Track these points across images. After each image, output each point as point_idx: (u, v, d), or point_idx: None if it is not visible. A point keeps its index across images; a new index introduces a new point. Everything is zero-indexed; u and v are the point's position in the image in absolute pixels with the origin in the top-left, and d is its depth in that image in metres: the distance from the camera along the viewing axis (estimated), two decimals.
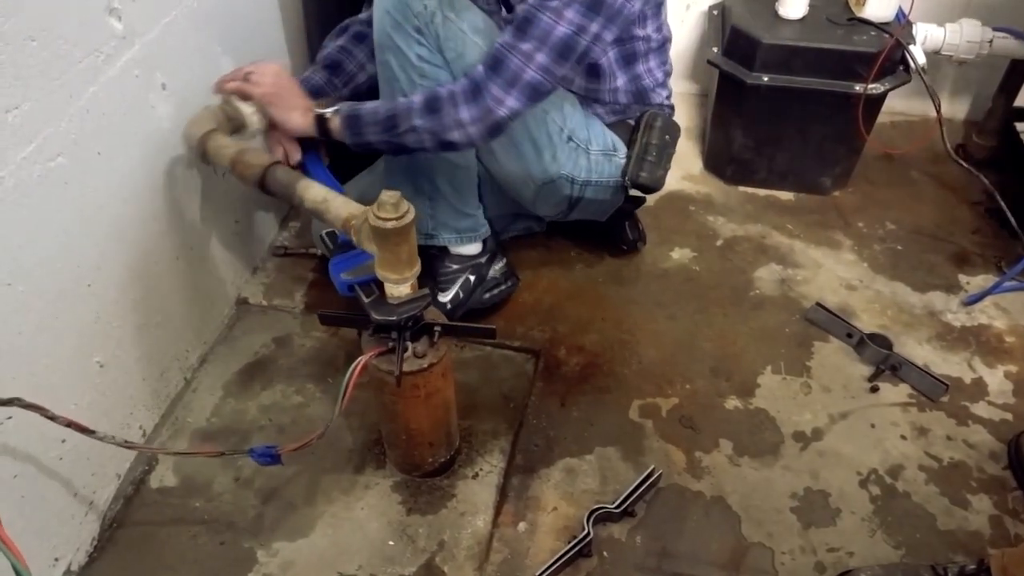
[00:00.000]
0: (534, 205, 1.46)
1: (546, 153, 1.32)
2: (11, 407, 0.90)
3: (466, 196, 1.37)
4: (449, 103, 1.12)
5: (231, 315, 1.49)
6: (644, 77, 1.37)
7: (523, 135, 1.29)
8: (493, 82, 1.11)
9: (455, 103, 1.12)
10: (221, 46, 1.33)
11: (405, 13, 1.16)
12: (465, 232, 1.40)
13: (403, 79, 1.20)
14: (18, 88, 0.89)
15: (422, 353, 1.05)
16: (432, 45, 1.18)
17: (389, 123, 1.14)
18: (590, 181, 1.39)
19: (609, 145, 1.39)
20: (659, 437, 1.30)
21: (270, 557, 1.13)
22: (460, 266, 1.43)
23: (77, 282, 1.05)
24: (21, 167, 0.92)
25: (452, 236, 1.40)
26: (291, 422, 1.31)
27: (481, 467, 1.25)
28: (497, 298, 1.48)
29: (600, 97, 1.37)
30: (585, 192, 1.41)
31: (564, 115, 1.32)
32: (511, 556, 1.13)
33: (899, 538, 1.16)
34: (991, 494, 1.22)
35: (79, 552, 1.11)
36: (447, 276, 1.43)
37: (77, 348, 1.06)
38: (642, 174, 1.38)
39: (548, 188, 1.38)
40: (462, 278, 1.43)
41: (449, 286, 1.42)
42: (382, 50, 1.20)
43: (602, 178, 1.40)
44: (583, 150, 1.36)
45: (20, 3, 0.88)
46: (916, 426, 1.32)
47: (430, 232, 1.38)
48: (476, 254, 1.45)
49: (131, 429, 1.22)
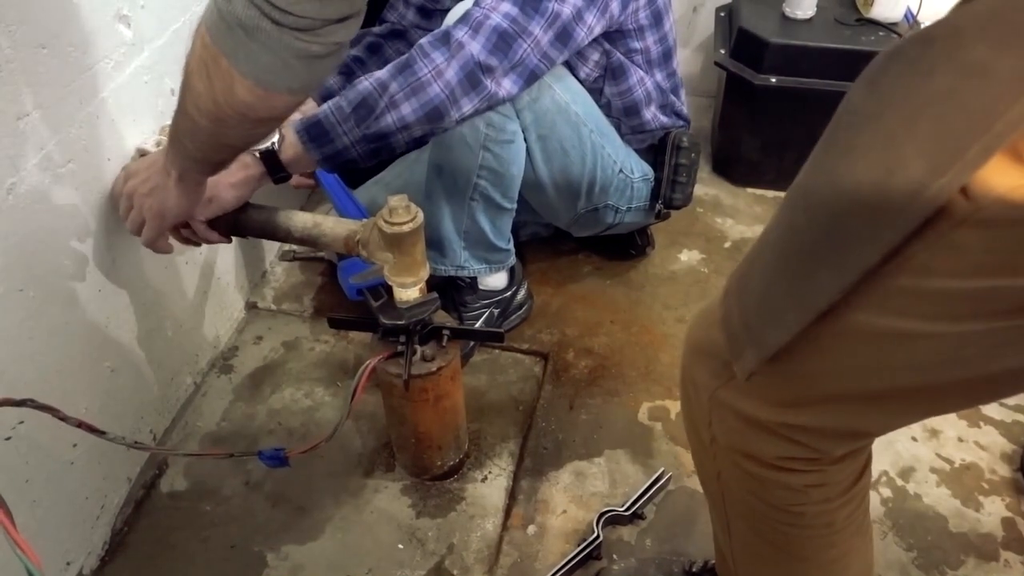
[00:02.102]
0: (568, 227, 1.47)
1: (597, 187, 1.33)
2: (23, 408, 0.90)
3: (504, 233, 1.35)
4: (418, 54, 1.04)
5: (241, 319, 1.50)
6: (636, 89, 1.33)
7: (581, 172, 1.29)
8: (460, 33, 1.04)
9: (424, 53, 1.04)
10: None
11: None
12: (495, 263, 1.38)
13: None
14: (29, 95, 0.90)
15: (431, 357, 1.05)
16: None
17: (362, 110, 1.01)
18: (631, 208, 1.42)
19: (646, 171, 1.41)
20: (668, 439, 1.29)
21: (280, 560, 1.13)
22: (487, 301, 1.43)
23: (88, 288, 1.05)
24: (32, 173, 0.92)
25: (482, 267, 1.38)
26: (300, 426, 1.32)
27: (490, 470, 1.25)
28: (514, 323, 1.48)
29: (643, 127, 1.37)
30: (624, 218, 1.43)
31: (616, 148, 1.33)
32: (521, 559, 1.13)
33: (910, 540, 1.16)
34: (1003, 496, 1.22)
35: (90, 556, 1.12)
36: (473, 311, 1.42)
37: (88, 353, 1.07)
38: (675, 196, 1.42)
39: (590, 216, 1.40)
40: (487, 312, 1.43)
41: (473, 321, 1.42)
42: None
43: (641, 203, 1.42)
44: (629, 180, 1.37)
45: (31, 11, 0.89)
46: (927, 428, 1.32)
47: (461, 264, 1.35)
48: (503, 288, 1.44)
49: (142, 433, 1.22)
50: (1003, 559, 1.14)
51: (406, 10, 1.36)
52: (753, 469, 0.67)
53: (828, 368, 0.58)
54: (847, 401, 0.60)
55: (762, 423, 0.64)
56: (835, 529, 0.71)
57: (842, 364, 0.57)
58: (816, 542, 0.72)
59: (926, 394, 0.57)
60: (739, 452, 0.68)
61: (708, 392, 0.68)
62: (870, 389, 0.58)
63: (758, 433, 0.65)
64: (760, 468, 0.67)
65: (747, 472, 0.68)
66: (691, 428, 0.75)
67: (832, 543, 0.72)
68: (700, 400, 0.69)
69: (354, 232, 1.02)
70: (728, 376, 0.65)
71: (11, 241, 0.90)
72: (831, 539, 0.72)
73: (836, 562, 0.74)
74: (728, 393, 0.66)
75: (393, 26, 1.37)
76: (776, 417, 0.63)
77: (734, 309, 0.63)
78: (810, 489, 0.67)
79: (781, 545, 0.73)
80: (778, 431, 0.64)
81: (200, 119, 0.77)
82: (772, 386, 0.62)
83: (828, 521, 0.70)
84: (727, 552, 0.83)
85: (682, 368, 0.74)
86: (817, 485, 0.67)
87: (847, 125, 0.53)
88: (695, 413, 0.72)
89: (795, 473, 0.66)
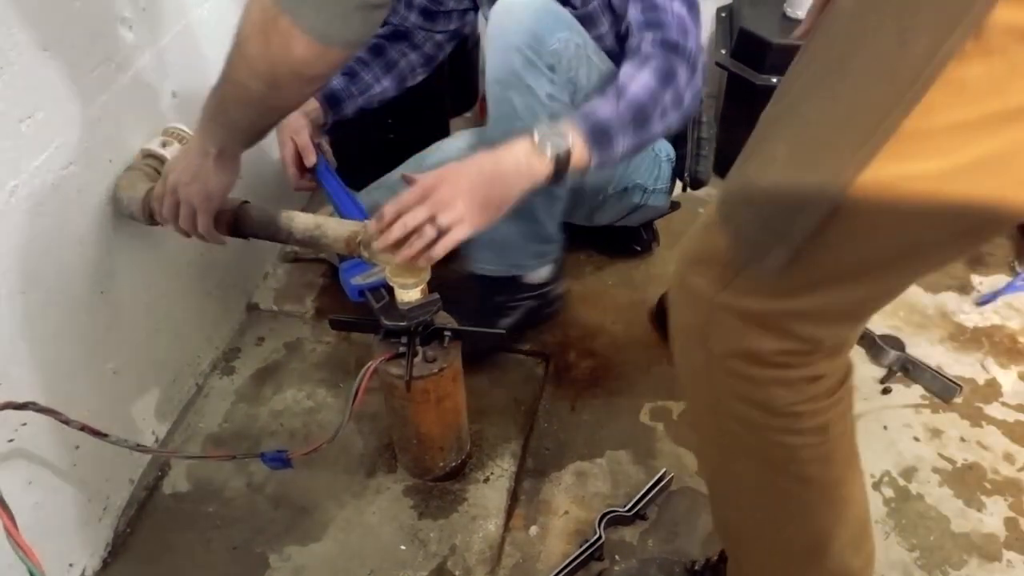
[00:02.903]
0: (592, 213, 1.45)
1: (630, 164, 1.32)
2: (26, 411, 0.91)
3: (557, 220, 1.33)
4: (672, 70, 1.05)
5: (242, 321, 1.50)
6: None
7: None
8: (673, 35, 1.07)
9: (674, 67, 1.05)
10: None
11: (539, 51, 1.10)
12: (547, 256, 1.37)
13: (527, 117, 1.13)
14: (31, 97, 0.90)
15: (432, 358, 1.05)
16: (562, 80, 1.14)
17: (640, 117, 1.02)
18: (657, 188, 1.41)
19: (669, 150, 1.41)
20: (670, 440, 1.29)
21: (283, 562, 1.13)
22: (528, 295, 1.41)
23: (91, 290, 1.06)
24: (35, 175, 0.92)
25: (534, 262, 1.36)
26: (302, 427, 1.32)
27: (492, 471, 1.25)
28: (548, 316, 1.48)
29: None
30: (649, 199, 1.43)
31: None
32: (523, 560, 1.13)
33: (913, 541, 1.16)
34: (1006, 496, 1.21)
35: (93, 557, 1.12)
36: (514, 303, 1.41)
37: (90, 355, 1.07)
38: (699, 170, 1.41)
39: (617, 197, 1.39)
40: (526, 305, 1.42)
41: (512, 312, 1.41)
42: (504, 87, 1.13)
43: (664, 184, 1.42)
44: (658, 159, 1.38)
45: (34, 13, 0.89)
46: (929, 428, 1.32)
47: (518, 263, 1.34)
48: (545, 281, 1.42)
49: (144, 435, 1.23)
50: (1006, 559, 1.14)
51: (408, 12, 1.36)
52: (751, 371, 0.70)
53: (848, 241, 0.61)
54: (856, 273, 0.64)
55: (764, 317, 0.67)
56: (829, 437, 0.74)
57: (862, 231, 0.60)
58: (814, 452, 0.74)
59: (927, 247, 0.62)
60: (738, 356, 0.70)
61: (707, 299, 0.70)
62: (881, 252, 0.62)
63: (758, 330, 0.68)
64: (758, 367, 0.70)
65: (744, 376, 0.71)
66: (686, 354, 0.77)
67: (829, 458, 0.75)
68: (699, 311, 0.72)
69: (356, 233, 1.02)
70: (729, 278, 0.68)
71: (13, 243, 0.91)
72: (827, 450, 0.75)
73: (837, 487, 0.77)
74: (729, 295, 0.68)
75: (396, 28, 1.37)
76: (779, 306, 0.66)
77: (745, 215, 0.66)
78: (805, 385, 0.71)
79: (781, 466, 0.75)
80: (779, 323, 0.67)
81: (252, 83, 0.81)
82: (783, 276, 0.65)
83: (823, 424, 0.73)
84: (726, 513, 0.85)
85: (678, 286, 0.76)
86: (812, 378, 0.71)
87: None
88: (692, 330, 0.74)
89: (790, 368, 0.70)
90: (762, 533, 0.84)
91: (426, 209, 0.90)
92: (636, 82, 1.03)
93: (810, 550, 0.81)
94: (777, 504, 0.79)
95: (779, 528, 0.82)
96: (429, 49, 1.40)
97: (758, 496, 0.80)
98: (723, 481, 0.85)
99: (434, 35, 1.39)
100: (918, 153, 0.55)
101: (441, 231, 0.90)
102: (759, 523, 0.83)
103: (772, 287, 0.66)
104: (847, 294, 0.66)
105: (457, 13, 1.38)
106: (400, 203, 0.91)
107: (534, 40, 1.10)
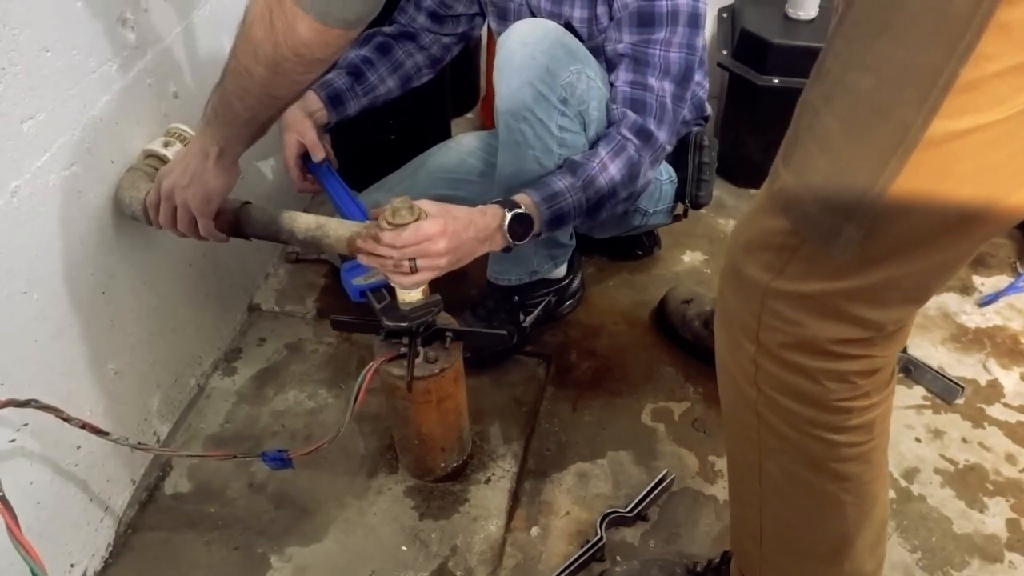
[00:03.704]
0: (589, 230, 1.47)
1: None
2: (28, 409, 0.91)
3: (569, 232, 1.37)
4: (639, 164, 1.15)
5: (243, 321, 1.50)
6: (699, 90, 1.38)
7: None
8: (651, 125, 1.14)
9: (641, 161, 1.15)
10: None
11: (552, 84, 1.12)
12: (561, 256, 1.39)
13: (539, 147, 1.17)
14: (33, 98, 0.91)
15: (433, 358, 1.06)
16: (573, 113, 1.16)
17: (596, 206, 1.13)
18: (658, 210, 1.42)
19: (671, 172, 1.41)
20: (671, 441, 1.29)
21: (284, 562, 1.13)
22: (546, 290, 1.43)
23: (92, 290, 1.06)
24: (36, 176, 0.93)
25: (550, 265, 1.38)
26: (303, 427, 1.32)
27: (493, 472, 1.25)
28: (568, 310, 1.49)
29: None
30: (650, 220, 1.44)
31: None
32: (524, 561, 1.13)
33: (915, 542, 1.16)
34: (1008, 497, 1.21)
35: (95, 558, 1.12)
36: (534, 300, 1.42)
37: (92, 355, 1.07)
38: (700, 194, 1.43)
39: (617, 219, 1.40)
40: (545, 300, 1.43)
41: (533, 309, 1.42)
42: (516, 119, 1.15)
43: (666, 205, 1.43)
44: (659, 183, 1.38)
45: (35, 14, 0.89)
46: (931, 428, 1.32)
47: (535, 269, 1.36)
48: (563, 276, 1.45)
49: (145, 435, 1.23)
50: (1008, 560, 1.14)
51: (416, 13, 1.36)
52: (805, 361, 0.69)
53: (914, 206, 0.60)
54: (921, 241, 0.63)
55: (823, 301, 0.66)
56: (874, 435, 0.74)
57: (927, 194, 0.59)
58: (856, 450, 0.74)
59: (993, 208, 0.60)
60: (792, 346, 0.69)
61: (762, 287, 0.69)
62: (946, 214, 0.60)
63: (816, 317, 0.67)
64: (813, 358, 0.69)
65: (797, 368, 0.70)
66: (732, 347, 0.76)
67: (869, 458, 0.75)
68: (752, 300, 0.71)
69: (357, 233, 1.02)
70: (784, 262, 0.67)
71: (15, 243, 0.91)
72: (868, 448, 0.74)
73: (871, 484, 0.77)
74: (784, 281, 0.68)
75: (403, 27, 1.37)
76: (840, 286, 0.65)
77: (806, 199, 0.65)
78: (859, 379, 0.70)
79: (820, 463, 0.75)
80: (839, 306, 0.66)
81: (256, 67, 0.84)
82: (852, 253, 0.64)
83: (869, 421, 0.72)
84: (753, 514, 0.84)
85: (730, 275, 0.75)
86: (866, 372, 0.70)
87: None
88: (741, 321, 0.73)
89: (847, 359, 0.69)
90: (790, 534, 0.83)
91: (415, 253, 0.95)
92: (606, 173, 1.12)
93: (835, 551, 0.80)
94: (811, 503, 0.78)
95: (809, 527, 0.80)
96: (436, 51, 1.40)
97: (792, 495, 0.79)
98: (751, 479, 0.83)
99: (441, 38, 1.39)
100: (977, 103, 0.54)
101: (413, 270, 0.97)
102: (786, 523, 0.82)
103: (832, 268, 0.65)
104: (911, 266, 0.64)
105: (465, 17, 1.38)
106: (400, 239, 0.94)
107: (547, 75, 1.12)
